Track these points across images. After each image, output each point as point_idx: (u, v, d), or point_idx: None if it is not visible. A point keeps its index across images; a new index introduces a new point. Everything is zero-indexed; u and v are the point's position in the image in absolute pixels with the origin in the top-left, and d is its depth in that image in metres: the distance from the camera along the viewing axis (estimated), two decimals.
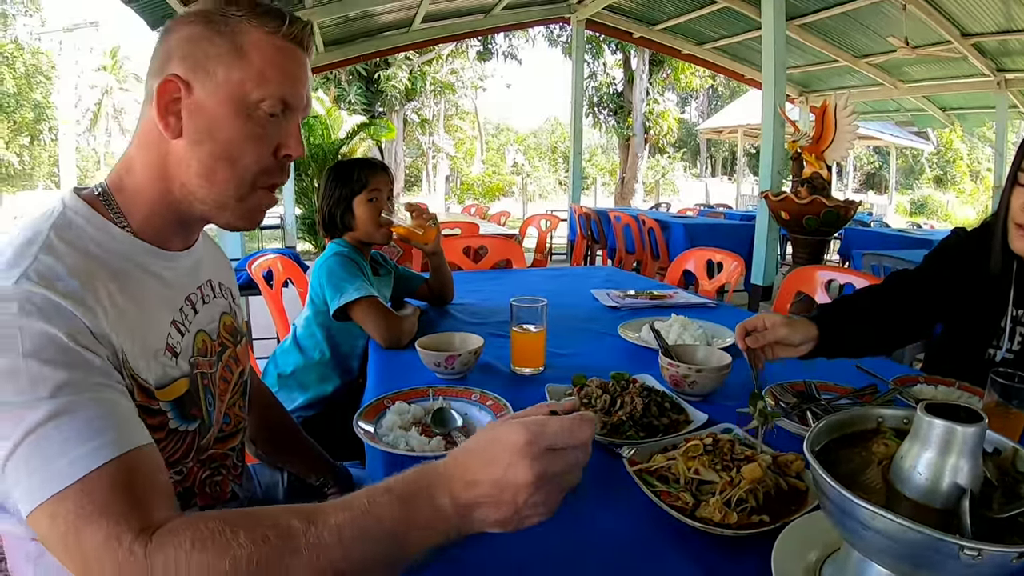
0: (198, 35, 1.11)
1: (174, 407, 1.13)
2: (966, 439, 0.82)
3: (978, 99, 12.55)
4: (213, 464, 1.29)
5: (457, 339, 2.03)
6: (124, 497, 0.83)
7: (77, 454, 0.83)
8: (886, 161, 31.19)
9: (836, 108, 6.20)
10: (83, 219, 1.09)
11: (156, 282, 1.16)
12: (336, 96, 19.44)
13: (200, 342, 1.25)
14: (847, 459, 0.94)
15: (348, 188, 2.52)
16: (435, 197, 28.62)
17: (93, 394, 0.89)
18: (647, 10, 11.98)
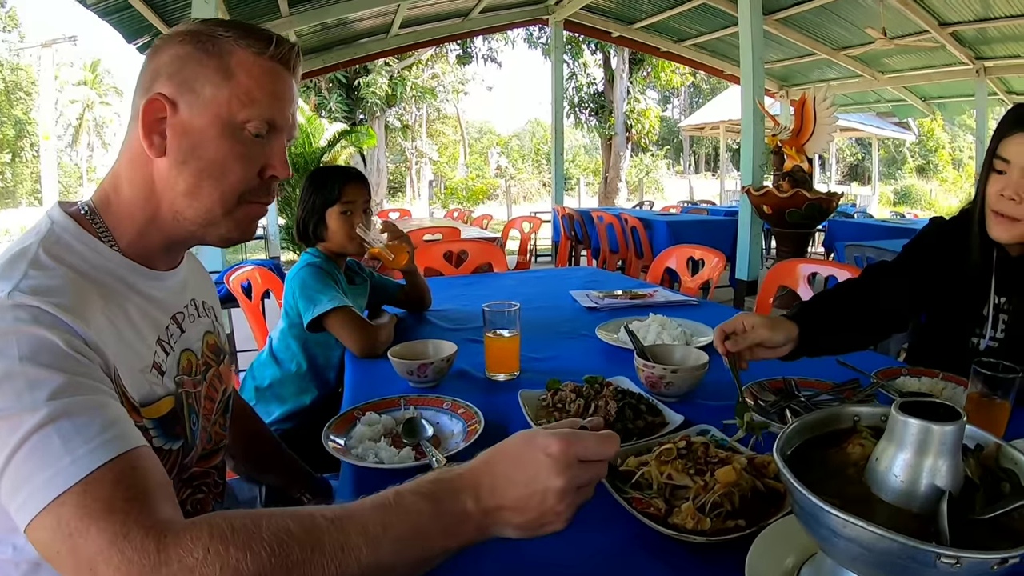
0: (186, 55, 1.11)
1: (158, 425, 1.12)
2: (944, 438, 0.79)
3: (958, 88, 12.60)
4: (195, 482, 1.29)
5: (430, 347, 2.00)
6: (129, 494, 0.81)
7: (78, 454, 0.82)
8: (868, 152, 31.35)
9: (815, 101, 6.21)
10: (71, 236, 1.09)
11: (143, 300, 1.15)
12: (317, 104, 19.38)
13: (185, 361, 1.24)
14: (821, 461, 0.90)
15: (322, 199, 2.48)
16: (419, 203, 28.56)
17: (90, 397, 0.89)
18: (625, 9, 12.00)
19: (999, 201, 1.74)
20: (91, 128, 43.64)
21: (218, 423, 1.39)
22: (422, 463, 1.33)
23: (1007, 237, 1.76)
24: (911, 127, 25.98)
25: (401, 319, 2.68)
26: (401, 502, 0.83)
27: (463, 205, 24.87)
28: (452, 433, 1.52)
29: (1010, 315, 1.83)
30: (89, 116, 43.36)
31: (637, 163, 31.90)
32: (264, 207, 1.24)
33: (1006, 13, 9.03)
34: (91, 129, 43.66)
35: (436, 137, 35.91)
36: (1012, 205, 1.72)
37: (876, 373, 1.78)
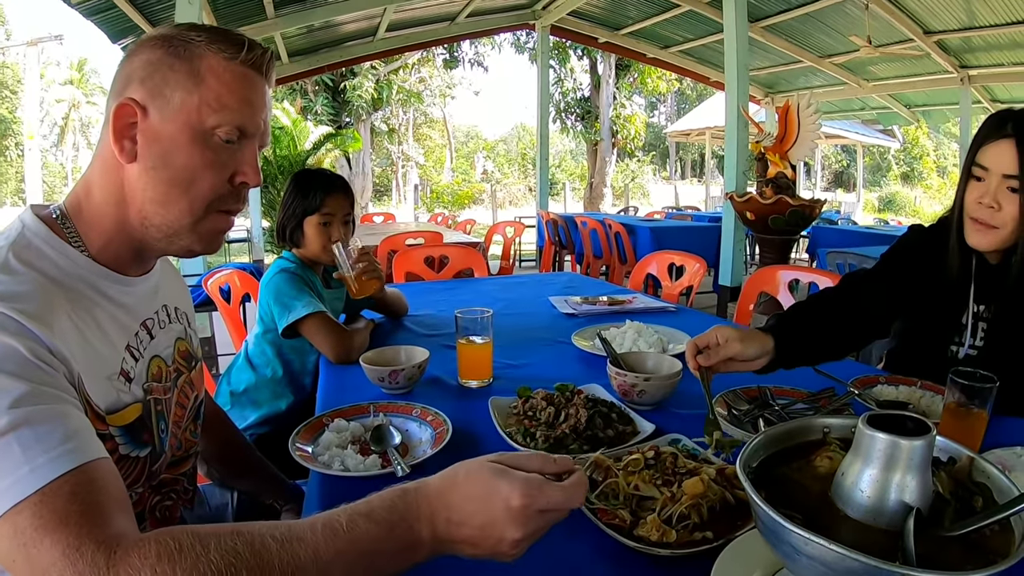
0: (157, 59, 1.11)
1: (125, 433, 1.11)
2: (912, 453, 0.77)
3: (942, 96, 12.68)
4: (164, 489, 1.28)
5: (403, 353, 1.98)
6: (84, 508, 0.81)
7: (37, 464, 0.82)
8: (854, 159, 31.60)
9: (799, 108, 6.22)
10: (41, 240, 1.08)
11: (112, 306, 1.14)
12: (302, 107, 19.32)
13: (155, 368, 1.23)
14: (787, 475, 0.89)
15: (302, 206, 2.45)
16: (405, 206, 28.55)
17: (52, 406, 0.88)
18: (611, 15, 12.02)
19: (977, 208, 1.74)
20: (77, 128, 43.47)
21: (189, 429, 1.38)
22: (387, 471, 1.31)
23: (985, 244, 1.76)
24: (896, 134, 26.19)
25: (378, 324, 2.65)
26: (354, 528, 0.83)
27: (449, 209, 24.85)
28: (420, 441, 1.50)
29: (989, 323, 1.83)
30: (75, 116, 43.20)
31: (623, 168, 31.99)
32: (231, 219, 1.22)
33: (990, 22, 9.08)
34: (77, 129, 43.49)
35: (422, 141, 35.91)
36: (990, 212, 1.72)
37: (853, 381, 1.76)
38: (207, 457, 1.70)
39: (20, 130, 35.19)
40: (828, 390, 1.70)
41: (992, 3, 8.49)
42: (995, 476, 0.84)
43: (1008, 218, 1.70)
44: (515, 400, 1.62)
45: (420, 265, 4.30)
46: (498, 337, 1.96)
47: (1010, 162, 1.68)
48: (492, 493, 0.85)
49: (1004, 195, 1.70)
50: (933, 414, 1.58)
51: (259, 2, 8.24)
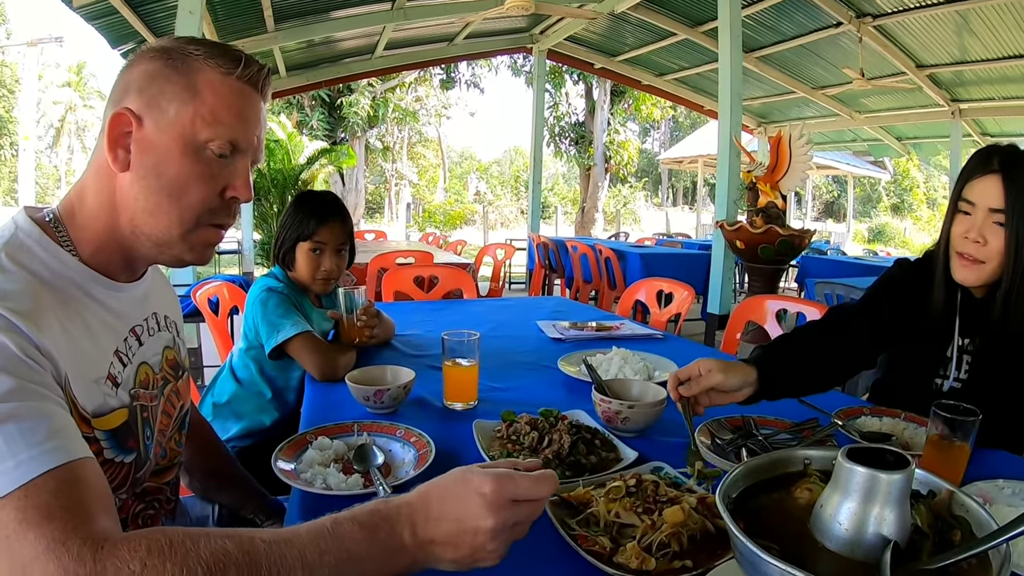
0: (155, 71, 1.12)
1: (110, 437, 1.11)
2: (891, 487, 0.77)
3: (933, 128, 12.82)
4: (147, 497, 1.28)
5: (388, 373, 1.98)
6: (69, 504, 0.81)
7: (21, 459, 0.82)
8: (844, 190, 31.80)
9: (791, 138, 6.26)
10: (34, 241, 1.09)
11: (102, 311, 1.15)
12: (298, 121, 19.36)
13: (143, 374, 1.23)
14: (767, 506, 0.89)
15: (296, 231, 2.45)
16: (397, 225, 28.56)
17: (38, 403, 0.89)
18: (608, 41, 12.12)
19: (963, 243, 1.76)
20: (72, 131, 43.49)
21: (174, 439, 1.38)
22: (369, 491, 1.31)
23: (972, 280, 1.78)
24: (887, 166, 26.39)
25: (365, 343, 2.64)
26: (338, 530, 0.84)
27: (440, 229, 24.88)
28: (403, 461, 1.50)
29: (974, 356, 1.84)
30: (71, 118, 43.23)
31: (615, 194, 32.10)
32: (221, 232, 1.23)
33: (982, 57, 9.22)
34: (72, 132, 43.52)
35: (417, 160, 35.97)
36: (976, 247, 1.74)
37: (837, 412, 1.76)
38: (190, 468, 1.70)
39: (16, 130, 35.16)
40: (812, 421, 1.71)
41: (984, 38, 8.63)
42: (974, 510, 0.84)
43: (993, 252, 1.72)
44: (499, 424, 1.62)
45: (409, 284, 4.30)
46: (484, 360, 1.96)
47: (996, 196, 1.70)
48: (465, 485, 0.89)
49: (990, 229, 1.72)
50: (916, 446, 1.59)
51: (259, 15, 8.28)
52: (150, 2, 6.72)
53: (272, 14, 8.29)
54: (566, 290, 9.39)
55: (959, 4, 7.76)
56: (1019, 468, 1.51)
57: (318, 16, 9.10)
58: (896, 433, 1.69)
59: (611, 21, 10.61)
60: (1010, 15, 7.76)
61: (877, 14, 8.71)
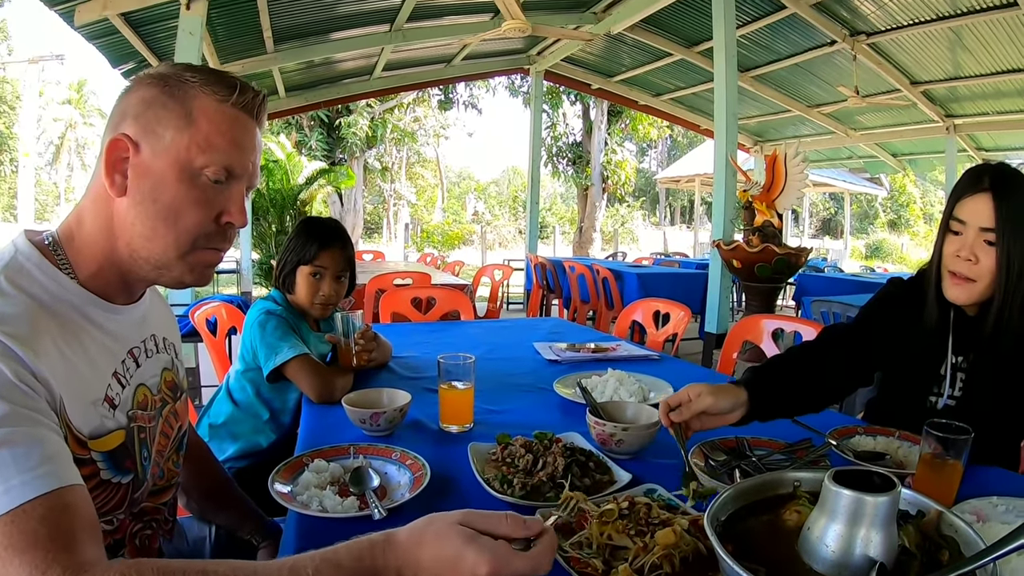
0: (152, 97, 1.14)
1: (107, 458, 1.11)
2: (877, 509, 0.79)
3: (928, 144, 12.86)
4: (145, 518, 1.28)
5: (385, 395, 1.98)
6: (55, 532, 0.82)
7: (11, 484, 0.83)
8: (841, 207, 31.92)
9: (786, 157, 6.29)
10: (33, 264, 1.10)
11: (100, 333, 1.15)
12: (297, 141, 19.38)
13: (141, 395, 1.24)
14: (756, 528, 0.90)
15: (297, 255, 2.47)
16: (395, 244, 28.58)
17: (31, 429, 0.89)
18: (605, 62, 12.18)
19: (955, 261, 1.78)
20: (72, 148, 43.66)
21: (171, 460, 1.39)
22: (364, 514, 1.31)
23: (964, 298, 1.79)
24: (883, 182, 26.49)
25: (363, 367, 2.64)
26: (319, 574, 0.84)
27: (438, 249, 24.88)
28: (399, 484, 1.50)
29: (967, 374, 1.85)
30: (71, 136, 43.41)
31: (613, 213, 32.14)
32: (219, 254, 1.24)
33: (975, 72, 9.27)
34: (72, 149, 43.68)
35: (415, 180, 36.03)
36: (967, 265, 1.75)
37: (831, 432, 1.77)
38: (187, 489, 1.70)
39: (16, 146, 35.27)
40: (806, 441, 1.71)
41: (977, 54, 8.69)
42: (962, 529, 0.85)
43: (984, 271, 1.73)
44: (494, 446, 1.63)
45: (407, 306, 4.30)
46: (480, 382, 1.97)
47: (987, 215, 1.72)
48: (459, 559, 0.86)
49: (981, 248, 1.74)
50: (910, 464, 1.59)
51: (259, 36, 8.32)
52: (151, 23, 6.75)
53: (272, 35, 8.33)
54: (564, 310, 9.38)
55: (952, 21, 7.82)
56: (1013, 485, 1.51)
57: (317, 37, 9.15)
58: (890, 452, 1.69)
59: (608, 42, 10.67)
60: (1002, 30, 7.81)
61: (871, 32, 8.77)
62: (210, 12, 6.25)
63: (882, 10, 8.09)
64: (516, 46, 11.59)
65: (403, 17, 8.82)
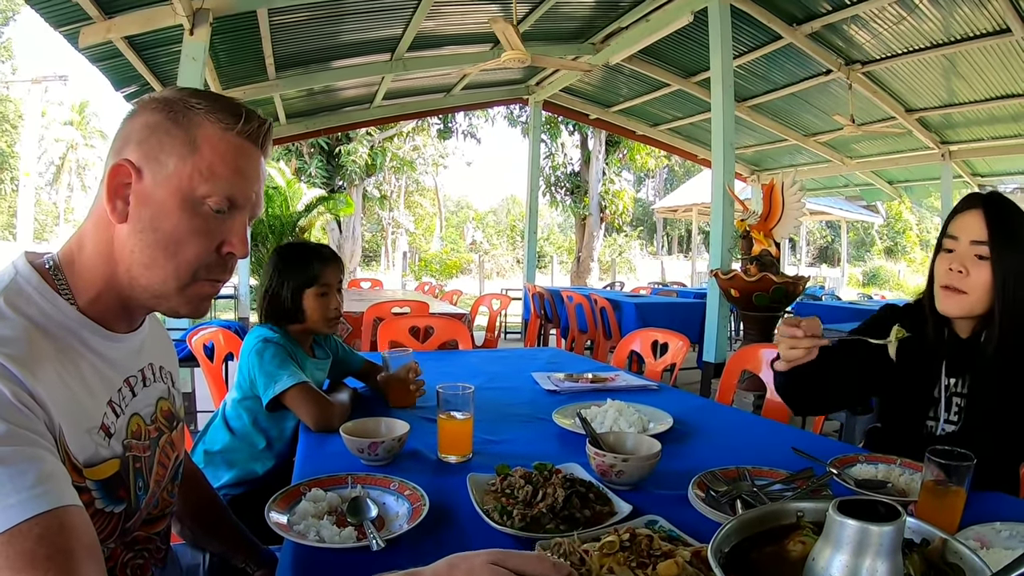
0: (156, 123, 1.13)
1: (101, 487, 1.10)
2: (882, 539, 0.78)
3: (923, 171, 12.96)
4: (136, 547, 1.27)
5: (383, 425, 1.97)
6: (52, 552, 0.82)
7: (9, 503, 0.82)
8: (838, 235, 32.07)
9: (783, 186, 6.31)
10: (33, 288, 1.09)
11: (98, 360, 1.14)
12: (296, 168, 19.47)
13: (135, 425, 1.22)
14: (761, 560, 0.89)
15: (298, 280, 2.45)
16: (393, 273, 28.62)
17: (29, 448, 0.89)
18: (603, 92, 12.26)
19: (947, 275, 1.83)
20: (73, 169, 43.92)
21: (166, 489, 1.37)
22: (362, 544, 1.30)
23: (956, 310, 1.83)
24: (879, 210, 26.63)
25: (360, 394, 2.64)
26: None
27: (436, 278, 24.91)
28: (397, 515, 1.48)
29: (967, 398, 1.86)
30: (72, 157, 43.71)
31: (610, 243, 32.27)
32: (218, 286, 1.23)
33: (970, 99, 9.36)
34: (73, 170, 43.92)
35: (413, 208, 36.22)
36: (959, 277, 1.80)
37: (832, 461, 1.76)
38: (181, 516, 1.68)
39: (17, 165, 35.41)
40: (807, 470, 1.70)
41: (971, 80, 8.77)
42: (967, 557, 0.85)
43: (976, 284, 1.78)
44: (493, 477, 1.61)
45: (405, 335, 4.29)
46: (479, 412, 1.95)
47: (978, 229, 1.78)
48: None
49: (972, 262, 1.79)
50: (912, 492, 1.59)
51: (261, 63, 8.39)
52: (154, 47, 6.81)
53: (274, 62, 8.40)
54: (562, 340, 9.36)
55: (945, 48, 7.90)
56: (1015, 510, 1.50)
57: (319, 65, 9.21)
58: (892, 480, 1.69)
59: (606, 73, 10.75)
60: (995, 56, 7.89)
61: (866, 60, 8.85)
62: (213, 38, 6.30)
63: (876, 39, 8.17)
64: (515, 76, 11.68)
65: (404, 46, 8.90)
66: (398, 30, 8.46)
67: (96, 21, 5.85)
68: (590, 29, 9.52)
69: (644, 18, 8.59)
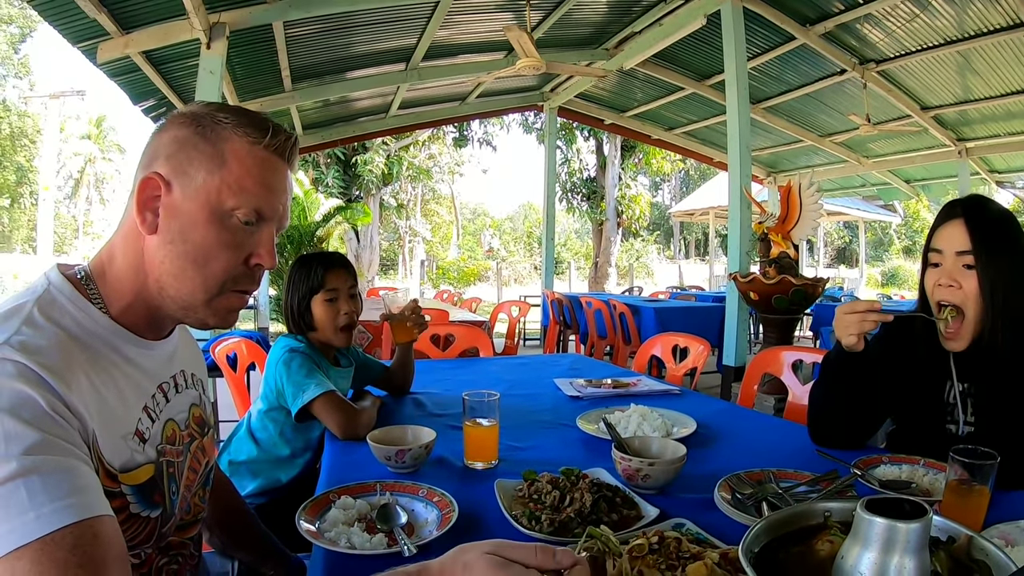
0: (184, 137, 1.15)
1: (136, 492, 1.12)
2: (910, 536, 0.79)
3: (940, 169, 12.86)
4: (171, 552, 1.28)
5: (409, 432, 1.97)
6: (84, 560, 0.83)
7: (42, 512, 0.83)
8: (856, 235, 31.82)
9: (800, 188, 6.29)
10: (66, 298, 1.11)
11: (131, 368, 1.16)
12: (314, 179, 19.52)
13: (169, 431, 1.24)
14: (789, 559, 0.90)
15: (306, 286, 2.47)
16: (411, 281, 28.65)
17: (63, 458, 0.90)
18: (617, 97, 12.25)
19: (938, 291, 1.83)
20: (91, 182, 44.30)
21: (198, 495, 1.39)
22: (394, 551, 1.31)
23: (961, 345, 1.83)
24: (896, 209, 26.39)
25: (384, 402, 2.65)
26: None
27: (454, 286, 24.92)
28: (426, 521, 1.49)
29: (976, 400, 1.85)
30: (90, 170, 44.06)
31: (628, 248, 32.16)
32: (245, 298, 1.25)
33: (985, 95, 9.30)
34: (91, 183, 44.31)
35: (430, 217, 36.21)
36: (951, 292, 1.79)
37: (856, 462, 1.76)
38: (210, 524, 1.70)
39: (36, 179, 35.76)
40: (831, 472, 1.70)
41: (986, 76, 8.73)
42: (993, 553, 0.85)
43: (968, 295, 1.77)
44: (520, 483, 1.62)
45: (426, 343, 4.31)
46: (503, 419, 1.96)
47: (961, 240, 1.77)
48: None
49: (960, 273, 1.78)
50: (936, 492, 1.58)
51: (277, 75, 8.46)
52: (171, 61, 6.88)
53: (290, 74, 8.46)
54: (581, 346, 9.34)
55: (960, 44, 7.85)
56: None
57: (334, 76, 9.27)
58: (916, 480, 1.69)
59: (620, 78, 10.74)
60: (1010, 52, 7.84)
61: (880, 59, 8.82)
62: (230, 51, 6.36)
63: (890, 37, 8.14)
64: (530, 83, 11.69)
65: (418, 56, 8.94)
66: (412, 40, 8.51)
67: (114, 37, 5.91)
68: (604, 35, 9.53)
69: (657, 22, 8.60)
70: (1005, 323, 1.74)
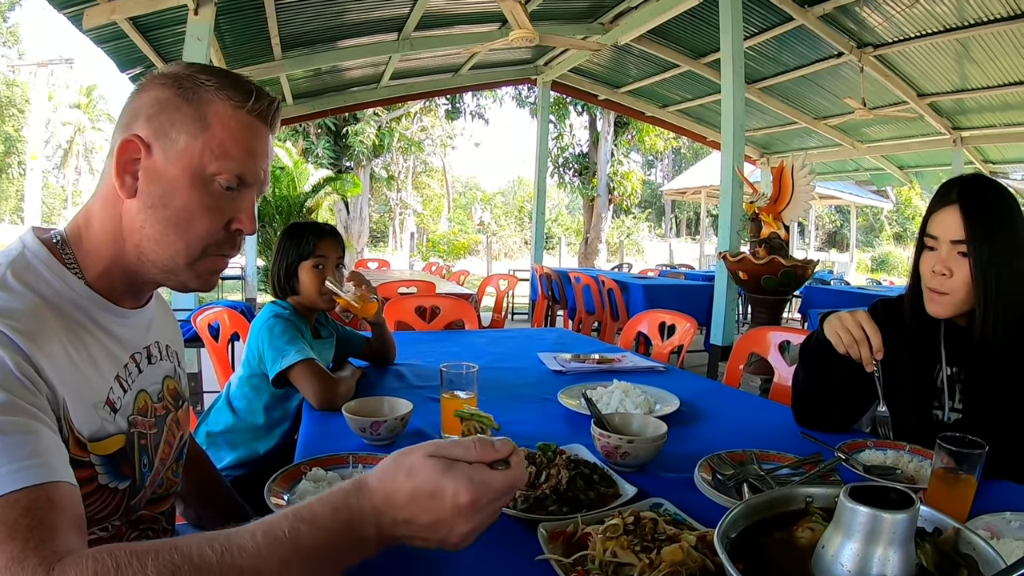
0: (165, 99, 1.13)
1: (105, 462, 1.10)
2: (895, 527, 0.76)
3: (934, 157, 12.84)
4: (142, 526, 1.27)
5: (386, 404, 1.95)
6: (36, 523, 0.81)
7: (1, 472, 0.82)
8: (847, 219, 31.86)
9: (793, 169, 6.26)
10: (41, 262, 1.09)
11: (105, 335, 1.15)
12: (304, 149, 19.43)
13: (141, 402, 1.23)
14: (768, 546, 0.87)
15: (296, 253, 2.50)
16: (401, 254, 28.65)
17: (26, 420, 0.88)
18: (612, 73, 12.19)
19: (931, 277, 1.81)
20: (80, 152, 44.03)
21: (171, 469, 1.37)
22: None
23: (942, 312, 1.82)
24: (889, 195, 26.43)
25: (365, 373, 2.63)
26: (297, 536, 0.83)
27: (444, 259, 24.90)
28: None
29: (964, 385, 1.84)
30: (80, 140, 43.76)
31: (618, 225, 32.20)
32: (226, 260, 1.24)
33: (982, 84, 9.27)
34: (80, 153, 44.05)
35: (421, 189, 36.19)
36: (942, 280, 1.78)
37: (840, 446, 1.74)
38: (185, 496, 1.68)
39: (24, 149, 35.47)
40: (815, 455, 1.68)
41: (984, 66, 8.69)
42: (981, 547, 0.83)
43: (959, 283, 1.75)
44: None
45: (411, 314, 4.28)
46: (483, 392, 1.94)
47: (956, 228, 1.75)
48: (438, 491, 0.86)
49: (954, 261, 1.76)
50: (921, 479, 1.56)
51: (267, 44, 8.35)
52: (159, 27, 6.78)
53: (280, 42, 8.36)
54: (569, 321, 9.36)
55: (959, 32, 7.81)
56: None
57: (325, 45, 9.17)
58: (901, 466, 1.66)
59: (615, 53, 10.67)
60: (1009, 42, 7.81)
61: (878, 44, 8.77)
62: (218, 18, 6.27)
63: (889, 22, 8.09)
64: (523, 56, 11.61)
65: (411, 26, 8.84)
66: (405, 9, 8.41)
67: (100, 2, 5.82)
68: (599, 9, 9.43)
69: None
70: (996, 310, 1.72)
